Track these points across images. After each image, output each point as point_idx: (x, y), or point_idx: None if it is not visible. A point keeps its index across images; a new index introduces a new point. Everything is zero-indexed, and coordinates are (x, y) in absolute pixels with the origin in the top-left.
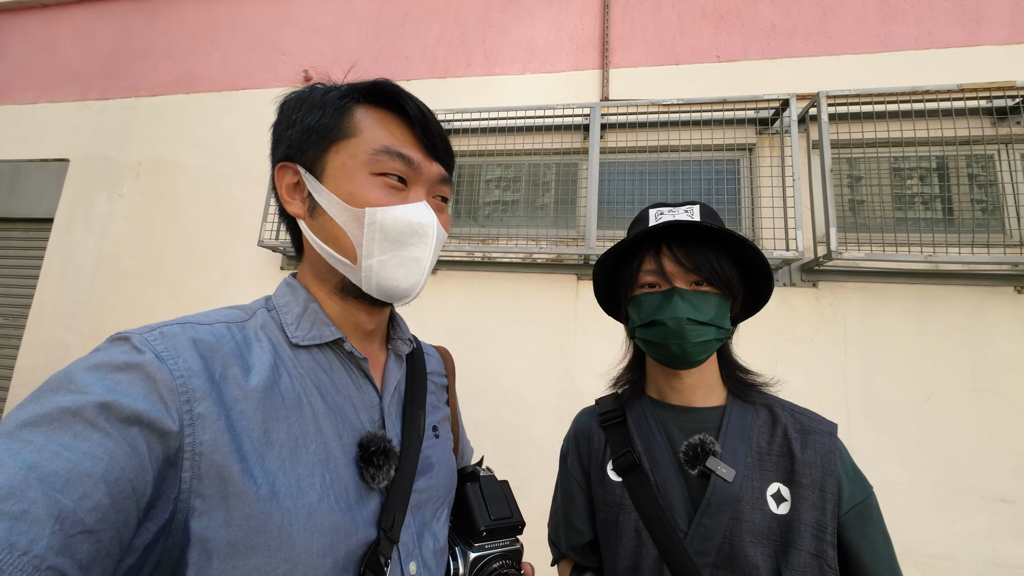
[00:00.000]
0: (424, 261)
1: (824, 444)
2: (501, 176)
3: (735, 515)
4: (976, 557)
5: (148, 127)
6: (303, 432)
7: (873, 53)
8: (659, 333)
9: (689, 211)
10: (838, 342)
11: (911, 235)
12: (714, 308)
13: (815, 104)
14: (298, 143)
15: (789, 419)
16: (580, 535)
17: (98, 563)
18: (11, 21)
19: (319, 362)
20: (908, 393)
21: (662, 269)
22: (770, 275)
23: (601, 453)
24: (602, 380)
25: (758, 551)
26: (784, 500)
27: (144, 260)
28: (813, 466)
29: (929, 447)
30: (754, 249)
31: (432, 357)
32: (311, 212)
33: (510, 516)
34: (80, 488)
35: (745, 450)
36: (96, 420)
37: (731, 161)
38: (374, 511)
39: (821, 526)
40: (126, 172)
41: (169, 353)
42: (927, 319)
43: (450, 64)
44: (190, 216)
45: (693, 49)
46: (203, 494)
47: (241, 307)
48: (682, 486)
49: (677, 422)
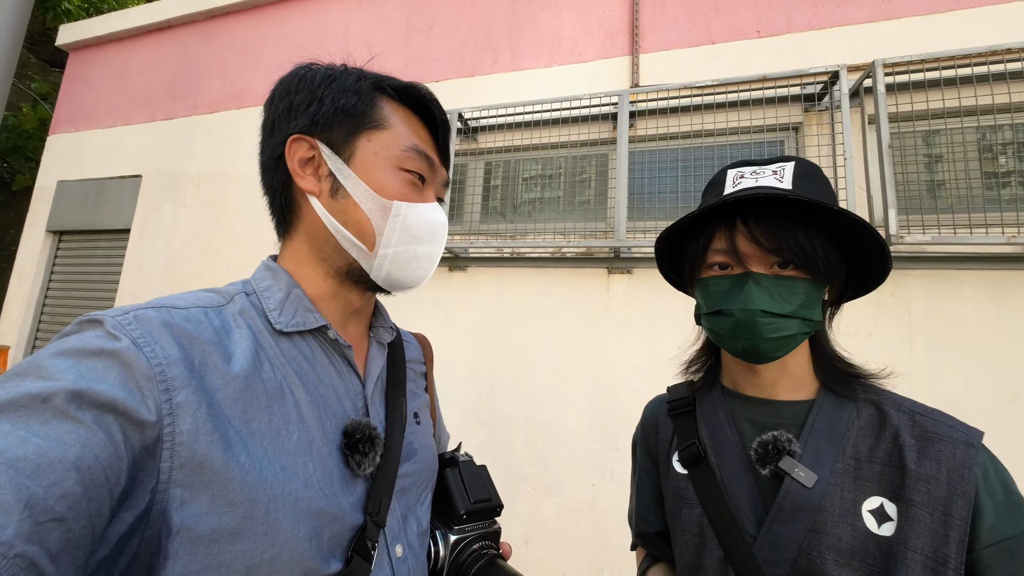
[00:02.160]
0: (435, 258)
1: (955, 456)
2: (532, 172)
3: (815, 527)
4: None
5: (206, 142)
6: (285, 422)
7: (940, 13)
8: (726, 325)
9: (779, 172)
10: (902, 336)
11: (989, 214)
12: (800, 297)
13: (870, 75)
14: (326, 121)
15: (905, 421)
16: (648, 525)
17: (68, 552)
18: (94, 54)
19: (301, 350)
20: (989, 393)
21: (735, 249)
22: (884, 250)
23: (668, 443)
24: (634, 375)
25: (844, 572)
26: (889, 519)
27: (204, 263)
28: (933, 482)
29: (1018, 453)
30: (860, 222)
31: (411, 345)
32: (333, 192)
33: (489, 499)
34: (50, 475)
35: (835, 453)
36: (67, 408)
37: (774, 143)
38: (360, 497)
39: (941, 558)
40: (188, 184)
41: (146, 340)
42: (1011, 308)
43: (477, 62)
44: (242, 222)
45: (730, 26)
46: (184, 483)
47: (217, 290)
48: (752, 486)
49: (750, 415)
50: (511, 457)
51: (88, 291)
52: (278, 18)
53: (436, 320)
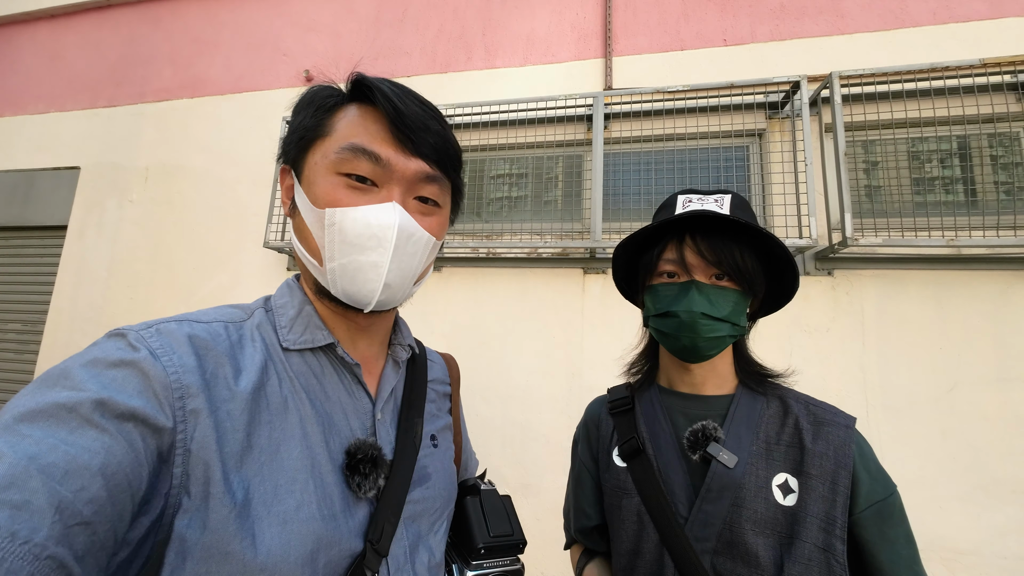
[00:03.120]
0: (382, 267)
1: (839, 436)
2: (506, 171)
3: (736, 502)
4: (1005, 552)
5: (155, 133)
6: (285, 437)
7: (888, 30)
8: (672, 325)
9: (720, 201)
10: (855, 332)
11: (931, 219)
12: (731, 304)
13: (827, 85)
14: (289, 144)
15: (802, 410)
16: (588, 519)
17: (92, 555)
18: (21, 32)
19: (311, 366)
20: (930, 384)
21: (683, 260)
22: (796, 275)
23: (608, 439)
24: (610, 375)
25: (759, 540)
26: (792, 491)
27: (155, 264)
28: (824, 457)
29: (953, 439)
30: (782, 247)
31: (436, 364)
32: (293, 213)
33: (511, 534)
34: (78, 480)
35: (751, 438)
36: (92, 416)
37: (740, 148)
38: (362, 522)
39: (830, 519)
40: (135, 178)
41: (164, 350)
42: (949, 306)
43: (450, 59)
44: (198, 219)
45: (698, 34)
46: (190, 492)
47: (241, 306)
48: (684, 472)
49: (683, 409)
50: (489, 459)
51: (17, 293)
52: (235, 5)
53: (410, 322)
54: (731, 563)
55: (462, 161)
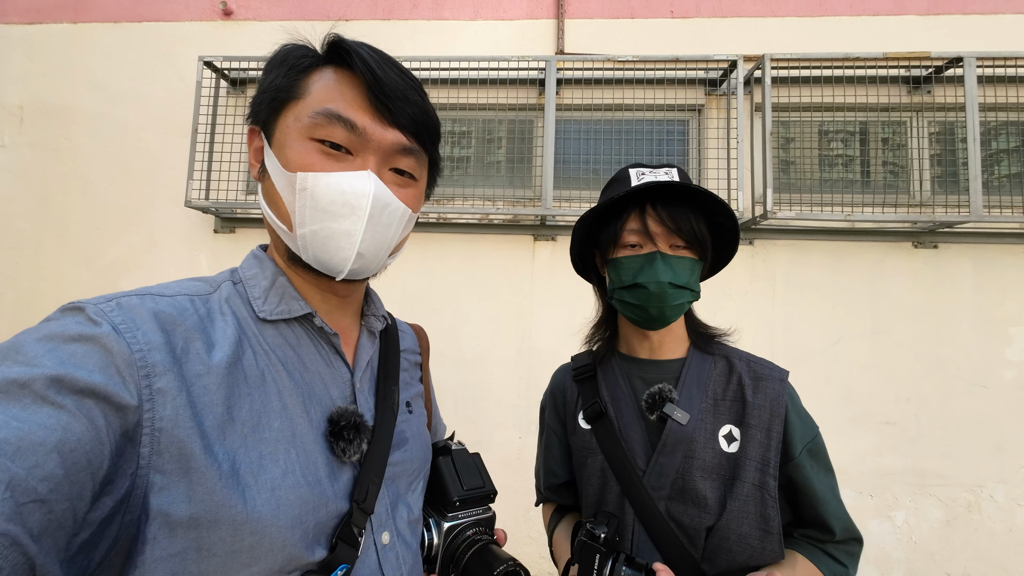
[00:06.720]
0: (355, 236)
1: (774, 389)
2: (452, 130)
3: (688, 454)
4: (864, 469)
5: (26, 62)
6: (266, 410)
7: (813, 17)
8: (641, 296)
9: (669, 173)
10: (767, 295)
11: (834, 195)
12: (689, 272)
13: (760, 67)
14: (259, 104)
15: (744, 367)
16: (556, 476)
17: (50, 533)
18: None
19: (286, 338)
20: (821, 338)
21: (646, 229)
22: (737, 240)
23: (574, 405)
24: (558, 338)
25: (707, 484)
26: (735, 440)
27: (42, 222)
28: (763, 408)
29: (834, 383)
30: (729, 214)
31: (406, 334)
32: (262, 176)
33: (482, 486)
34: (31, 457)
35: (701, 396)
36: (46, 393)
37: (681, 122)
38: (347, 484)
39: (765, 461)
40: (6, 118)
41: (127, 326)
42: (840, 272)
43: (394, 4)
44: (94, 171)
45: (648, 3)
46: (163, 469)
47: (205, 279)
48: (643, 431)
49: (641, 374)
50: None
51: None
52: None
53: None
54: (683, 506)
55: (440, 135)
